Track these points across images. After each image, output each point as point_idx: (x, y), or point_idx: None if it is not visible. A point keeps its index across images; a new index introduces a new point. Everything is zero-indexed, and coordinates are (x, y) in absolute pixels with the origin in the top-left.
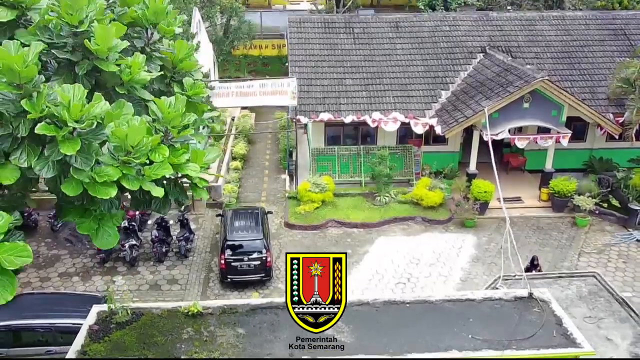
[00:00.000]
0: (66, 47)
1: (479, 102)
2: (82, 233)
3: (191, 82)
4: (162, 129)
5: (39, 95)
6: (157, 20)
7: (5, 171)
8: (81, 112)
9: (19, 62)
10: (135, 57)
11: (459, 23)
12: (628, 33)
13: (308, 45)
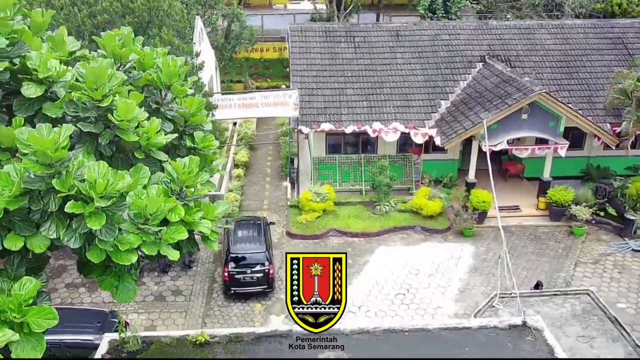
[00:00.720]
0: (90, 120)
1: (477, 113)
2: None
3: (202, 135)
4: (177, 189)
5: (67, 174)
6: (171, 82)
7: (36, 240)
8: (106, 189)
9: (50, 147)
10: (152, 122)
11: (458, 32)
12: (626, 42)
13: (309, 55)
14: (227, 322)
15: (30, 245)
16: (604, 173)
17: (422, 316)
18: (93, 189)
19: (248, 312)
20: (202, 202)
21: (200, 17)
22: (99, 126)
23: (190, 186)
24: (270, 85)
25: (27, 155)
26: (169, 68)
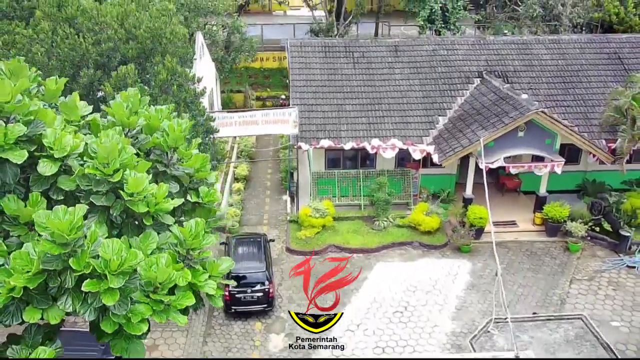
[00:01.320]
0: (101, 192)
1: (475, 131)
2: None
3: (206, 190)
4: (184, 252)
5: (82, 252)
6: (177, 145)
7: (52, 312)
8: (120, 266)
9: (66, 229)
10: (160, 188)
11: (456, 47)
12: (622, 57)
13: (309, 70)
14: (228, 341)
15: (46, 317)
16: (599, 188)
17: (419, 335)
18: (107, 267)
19: (248, 330)
20: (207, 262)
21: (201, 30)
22: (110, 198)
23: (197, 249)
24: (270, 94)
25: (45, 237)
26: (175, 133)
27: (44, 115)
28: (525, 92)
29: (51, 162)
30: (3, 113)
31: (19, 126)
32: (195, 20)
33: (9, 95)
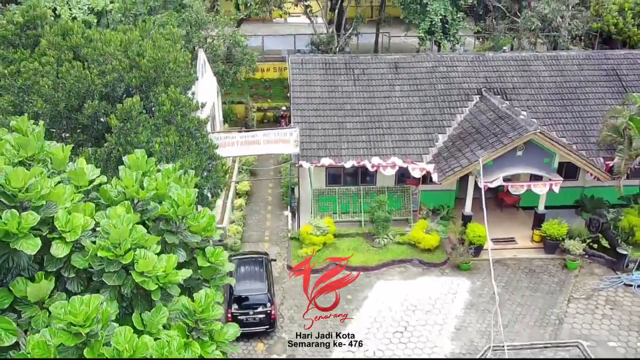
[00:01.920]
0: (112, 271)
1: (473, 150)
2: None
3: (212, 250)
4: (193, 323)
5: (96, 342)
6: (185, 214)
7: None
8: (133, 354)
9: (82, 320)
10: (169, 260)
11: (456, 64)
12: (620, 74)
13: (309, 88)
14: None
15: None
16: (597, 204)
17: (419, 356)
18: (120, 356)
19: (250, 351)
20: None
21: (202, 44)
22: (122, 276)
23: (206, 320)
24: (270, 105)
25: (62, 328)
26: (184, 204)
27: (55, 195)
28: (523, 110)
29: (63, 244)
30: (16, 200)
31: (32, 215)
32: (196, 35)
33: (22, 182)
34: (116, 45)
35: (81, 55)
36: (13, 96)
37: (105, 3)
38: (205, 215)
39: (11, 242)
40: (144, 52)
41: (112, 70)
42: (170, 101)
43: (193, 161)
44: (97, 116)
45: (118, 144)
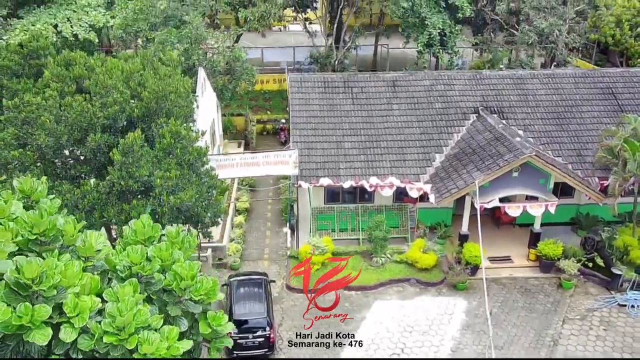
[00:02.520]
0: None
1: (470, 172)
2: None
3: (213, 315)
4: None
5: None
6: (188, 286)
7: None
8: None
9: None
10: (171, 332)
11: (453, 82)
12: (615, 92)
13: (308, 107)
14: None
15: None
16: (593, 221)
17: None
18: None
19: None
20: None
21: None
22: (126, 354)
23: None
24: (270, 117)
25: None
26: (187, 278)
27: (65, 281)
28: (520, 129)
29: (71, 328)
30: (30, 290)
31: (45, 308)
32: (195, 52)
33: (35, 273)
34: (118, 77)
35: (84, 87)
36: (17, 129)
37: (106, 19)
38: (207, 282)
39: (24, 334)
40: (145, 83)
41: (113, 103)
42: (170, 134)
43: (193, 194)
44: (99, 148)
45: (120, 177)
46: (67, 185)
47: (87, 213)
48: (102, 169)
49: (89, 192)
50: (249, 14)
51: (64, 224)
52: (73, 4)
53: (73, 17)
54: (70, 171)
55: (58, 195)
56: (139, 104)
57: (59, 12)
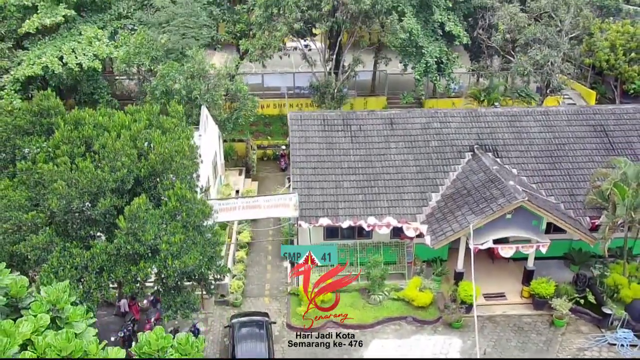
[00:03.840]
0: None
1: (465, 214)
2: None
3: None
4: None
5: None
6: None
7: None
8: None
9: None
10: None
11: (449, 119)
12: (607, 129)
13: (308, 145)
14: None
15: None
16: (585, 257)
17: None
18: None
19: None
20: None
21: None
22: None
23: None
24: (270, 143)
25: None
26: None
27: None
28: (514, 167)
29: None
30: None
31: None
32: (197, 87)
33: None
34: (125, 137)
35: (93, 148)
36: (29, 190)
37: (110, 50)
38: None
39: None
40: (151, 141)
41: (122, 166)
42: (176, 197)
43: (197, 257)
44: (108, 211)
45: (127, 242)
46: (77, 250)
47: (97, 274)
48: (111, 228)
49: (98, 254)
50: (250, 46)
51: (88, 345)
52: (77, 36)
53: (78, 48)
54: (80, 231)
55: (69, 258)
56: (145, 163)
57: (64, 44)
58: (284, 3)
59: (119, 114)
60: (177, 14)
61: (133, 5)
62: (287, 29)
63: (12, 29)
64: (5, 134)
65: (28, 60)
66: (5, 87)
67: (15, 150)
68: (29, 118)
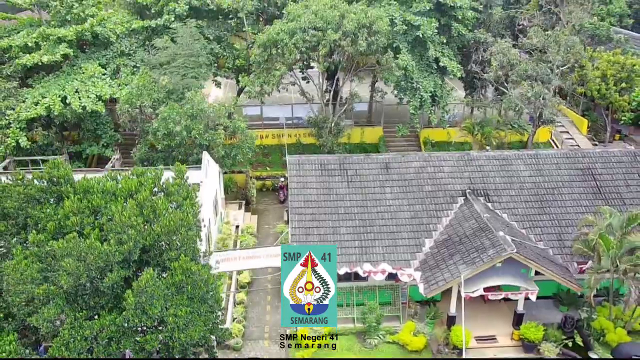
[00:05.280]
0: None
1: (456, 263)
2: None
3: None
4: None
5: None
6: None
7: None
8: None
9: None
10: None
11: (442, 163)
12: (595, 173)
13: (306, 190)
14: None
15: None
16: (573, 298)
17: None
18: None
19: None
20: None
21: (202, 135)
22: None
23: None
24: (269, 174)
25: None
26: None
27: None
28: (504, 212)
29: None
30: None
31: None
32: (196, 127)
33: None
34: (132, 207)
35: (101, 220)
36: (41, 262)
37: (113, 91)
38: None
39: None
40: (156, 210)
41: (128, 240)
42: (181, 270)
43: (202, 329)
44: (115, 286)
45: (134, 315)
46: (87, 322)
47: (106, 344)
48: (119, 297)
49: (107, 325)
50: (250, 84)
51: None
52: (80, 74)
53: (81, 88)
54: (89, 302)
55: (79, 329)
56: (151, 231)
57: (67, 83)
58: (283, 44)
59: (125, 179)
60: (177, 55)
61: (135, 42)
62: (285, 68)
63: (17, 70)
64: (18, 204)
65: (32, 98)
66: (10, 126)
67: (27, 219)
68: (40, 187)
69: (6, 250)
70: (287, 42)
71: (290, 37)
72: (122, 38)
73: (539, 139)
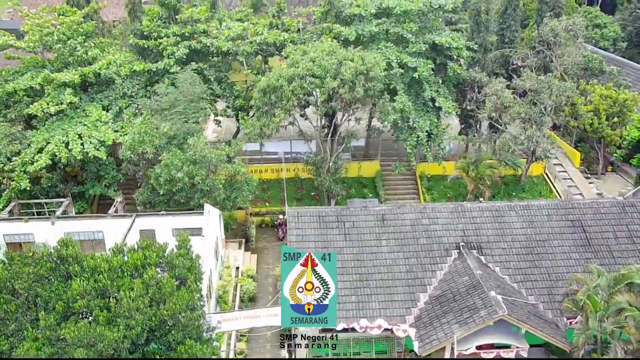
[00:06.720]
0: None
1: (450, 323)
2: None
3: None
4: None
5: None
6: None
7: None
8: None
9: None
10: None
11: (437, 215)
12: (584, 224)
13: (304, 244)
14: None
15: None
16: (563, 350)
17: None
18: None
19: None
20: None
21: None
22: None
23: None
24: (268, 209)
25: None
26: None
27: None
28: (497, 266)
29: None
30: None
31: None
32: (198, 173)
33: None
34: (139, 287)
35: (110, 304)
36: (52, 346)
37: (116, 136)
38: None
39: None
40: (162, 288)
41: (136, 325)
42: (187, 354)
43: None
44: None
45: None
46: None
47: None
48: None
49: None
50: (250, 127)
51: None
52: (83, 117)
53: (84, 133)
54: None
55: None
56: (157, 313)
57: (70, 127)
58: (282, 91)
59: (131, 254)
60: (178, 100)
61: (137, 84)
62: (284, 114)
63: (22, 114)
64: (27, 283)
65: (36, 143)
66: (15, 170)
67: (38, 299)
68: (49, 265)
69: (17, 329)
70: (286, 90)
71: (288, 84)
72: (124, 79)
73: (532, 172)
